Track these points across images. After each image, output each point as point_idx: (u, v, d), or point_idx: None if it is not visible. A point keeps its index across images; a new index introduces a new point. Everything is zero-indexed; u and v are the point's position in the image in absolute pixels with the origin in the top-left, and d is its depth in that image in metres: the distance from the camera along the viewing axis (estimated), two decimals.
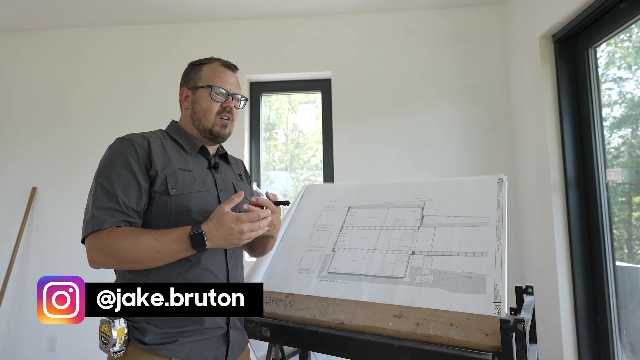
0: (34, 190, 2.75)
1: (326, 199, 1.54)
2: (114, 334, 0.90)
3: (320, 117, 2.77)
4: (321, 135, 2.74)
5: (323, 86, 2.76)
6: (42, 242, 2.71)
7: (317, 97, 2.83)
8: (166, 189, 0.98)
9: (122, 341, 0.91)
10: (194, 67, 1.14)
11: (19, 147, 2.80)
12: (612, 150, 1.89)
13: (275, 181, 2.94)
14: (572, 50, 2.04)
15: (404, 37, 2.64)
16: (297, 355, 1.61)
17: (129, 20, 2.75)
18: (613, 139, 1.91)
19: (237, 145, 2.65)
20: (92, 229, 0.91)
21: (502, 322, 0.83)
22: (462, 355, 0.87)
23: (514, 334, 0.81)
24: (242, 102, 1.17)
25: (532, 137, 2.23)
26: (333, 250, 1.32)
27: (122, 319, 0.92)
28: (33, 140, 2.80)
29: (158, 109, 2.71)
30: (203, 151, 1.13)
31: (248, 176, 1.32)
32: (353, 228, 1.36)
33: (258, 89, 2.81)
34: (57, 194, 2.74)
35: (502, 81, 2.55)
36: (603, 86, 1.91)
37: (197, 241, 0.91)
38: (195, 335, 0.97)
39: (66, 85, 2.82)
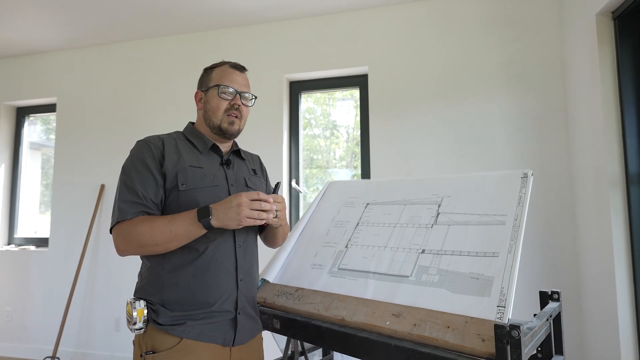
0: (102, 187, 3.08)
1: (346, 195, 1.53)
2: (135, 314, 1.00)
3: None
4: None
5: (361, 82, 2.74)
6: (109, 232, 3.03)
7: (355, 93, 2.81)
8: (176, 184, 1.07)
9: (142, 320, 1.00)
10: (207, 71, 1.21)
11: (90, 149, 3.16)
12: None
13: (336, 178, 2.96)
14: (635, 28, 1.80)
15: (443, 25, 2.52)
16: (320, 350, 1.64)
17: (177, 30, 2.96)
18: None
19: (276, 144, 2.72)
20: (117, 220, 1.02)
21: (497, 327, 0.77)
22: None
23: (508, 340, 0.75)
24: (252, 101, 1.23)
25: (590, 127, 2.00)
26: (346, 246, 1.31)
27: (142, 301, 1.02)
28: (102, 143, 3.14)
29: None
30: (215, 149, 1.19)
31: (264, 171, 1.38)
32: (368, 225, 1.34)
33: (297, 88, 2.86)
34: None
35: (556, 66, 2.32)
36: None
37: (202, 213, 0.98)
38: (205, 319, 1.04)
39: (127, 93, 3.12)
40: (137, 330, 1.00)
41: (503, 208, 1.10)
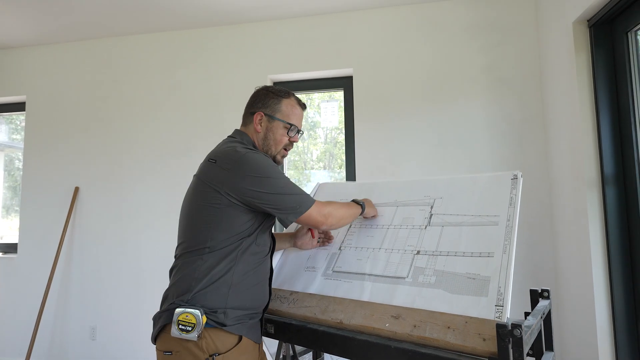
0: (76, 189, 2.95)
1: (337, 196, 1.53)
2: (201, 320, 1.01)
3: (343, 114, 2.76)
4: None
5: (345, 84, 2.74)
6: (84, 237, 2.90)
7: (340, 95, 2.82)
8: None
9: (203, 326, 1.02)
10: (273, 97, 1.25)
11: (64, 150, 3.02)
12: None
13: (312, 179, 2.95)
14: (610, 36, 1.88)
15: (427, 30, 2.56)
16: (311, 353, 1.62)
17: (159, 28, 2.88)
18: None
19: None
20: (313, 200, 1.14)
21: (499, 326, 0.79)
22: None
23: (510, 339, 0.77)
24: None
25: (567, 131, 2.08)
26: (340, 249, 1.31)
27: (201, 309, 1.02)
28: (76, 144, 3.01)
29: (187, 112, 2.82)
30: None
31: None
32: (361, 227, 1.34)
33: None
34: (97, 193, 2.93)
35: (534, 72, 2.40)
36: None
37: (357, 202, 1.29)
38: (253, 318, 1.12)
39: (105, 92, 3.00)
40: (199, 336, 1.01)
41: (495, 209, 1.13)
